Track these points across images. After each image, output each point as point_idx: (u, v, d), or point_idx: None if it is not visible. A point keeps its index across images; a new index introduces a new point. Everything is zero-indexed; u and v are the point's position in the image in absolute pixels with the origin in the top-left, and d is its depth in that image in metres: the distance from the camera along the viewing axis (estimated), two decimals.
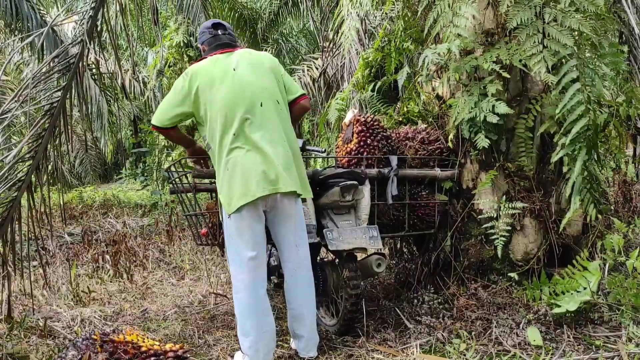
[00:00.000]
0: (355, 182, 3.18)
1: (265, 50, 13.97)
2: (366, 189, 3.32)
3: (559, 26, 2.98)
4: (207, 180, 3.35)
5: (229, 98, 2.82)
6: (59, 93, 3.60)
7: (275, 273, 3.95)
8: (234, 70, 2.89)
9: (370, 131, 3.50)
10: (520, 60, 3.09)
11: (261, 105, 2.85)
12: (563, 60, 3.01)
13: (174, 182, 3.41)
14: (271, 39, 14.18)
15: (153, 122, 3.04)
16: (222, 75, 2.87)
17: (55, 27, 8.35)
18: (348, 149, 3.56)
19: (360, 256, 3.32)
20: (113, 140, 15.74)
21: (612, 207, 4.75)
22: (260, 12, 13.62)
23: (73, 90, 3.72)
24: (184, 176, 3.46)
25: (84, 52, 3.65)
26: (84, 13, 3.66)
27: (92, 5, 3.59)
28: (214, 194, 3.39)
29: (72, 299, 4.32)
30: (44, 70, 3.62)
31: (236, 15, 13.07)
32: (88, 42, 3.55)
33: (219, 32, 3.08)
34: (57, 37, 8.52)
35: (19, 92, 3.41)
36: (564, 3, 2.95)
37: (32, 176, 3.59)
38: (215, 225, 3.21)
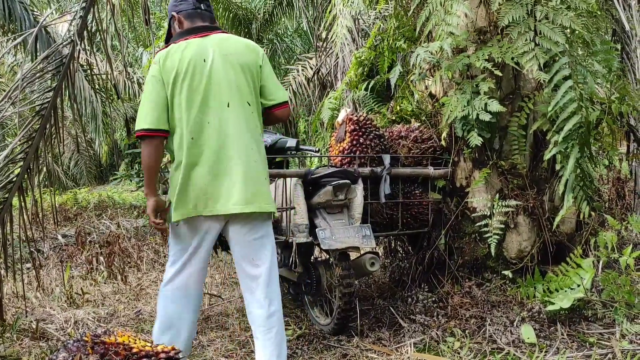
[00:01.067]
0: (348, 181, 3.17)
1: None
2: (359, 188, 3.31)
3: (550, 24, 2.97)
4: None
5: (191, 95, 2.41)
6: (50, 94, 3.58)
7: None
8: (204, 61, 2.43)
9: (363, 130, 3.49)
10: (512, 58, 3.09)
11: (228, 107, 2.44)
12: (555, 57, 3.00)
13: (167, 182, 3.40)
14: (266, 39, 14.17)
15: (140, 125, 2.41)
16: (190, 67, 2.41)
17: (49, 28, 8.31)
18: (341, 148, 3.55)
19: (353, 255, 3.31)
20: (108, 142, 15.69)
21: (606, 205, 4.76)
22: (254, 12, 13.60)
23: (64, 91, 3.70)
24: None
25: (75, 53, 3.63)
26: (75, 13, 3.64)
27: (83, 5, 3.58)
28: None
29: (65, 301, 4.30)
30: (34, 70, 3.59)
31: (231, 15, 13.05)
32: (78, 42, 3.53)
33: (202, 5, 2.57)
34: (51, 38, 8.48)
35: (9, 92, 3.39)
36: (555, 1, 2.95)
37: (24, 177, 3.57)
38: None
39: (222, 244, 3.43)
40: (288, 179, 3.26)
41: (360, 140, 3.47)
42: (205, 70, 2.42)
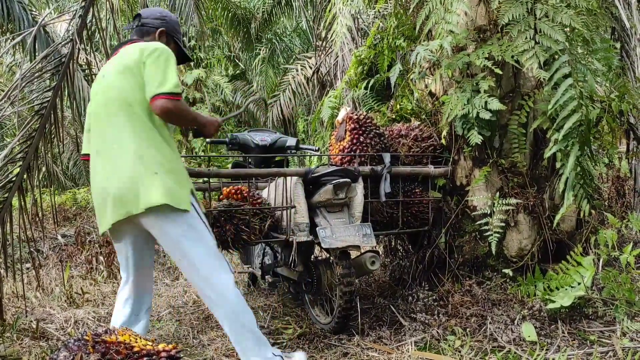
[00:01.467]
0: (348, 180, 3.17)
1: (259, 50, 13.96)
2: (359, 187, 3.31)
3: (550, 22, 2.97)
4: (200, 180, 3.34)
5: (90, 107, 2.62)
6: (49, 93, 3.58)
7: (269, 272, 3.95)
8: (103, 77, 2.60)
9: (363, 129, 3.49)
10: (512, 57, 3.09)
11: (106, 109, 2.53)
12: (555, 56, 3.00)
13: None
14: (265, 39, 14.18)
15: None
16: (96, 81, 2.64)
17: (47, 28, 8.31)
18: (341, 147, 3.55)
19: (354, 254, 3.31)
20: None
21: (606, 203, 4.76)
22: (253, 12, 13.61)
23: (64, 91, 3.70)
24: None
25: (74, 52, 3.63)
26: (74, 13, 3.64)
27: (82, 5, 3.57)
28: (206, 194, 3.37)
29: (65, 301, 4.30)
30: (34, 70, 3.59)
31: (229, 14, 13.06)
32: (78, 42, 3.52)
33: (134, 24, 2.75)
34: (49, 38, 8.48)
35: (8, 92, 3.39)
36: None
37: (24, 177, 3.56)
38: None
39: None
40: (288, 178, 3.26)
41: (361, 139, 3.47)
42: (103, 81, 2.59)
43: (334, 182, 3.11)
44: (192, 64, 11.56)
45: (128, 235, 2.62)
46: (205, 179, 3.19)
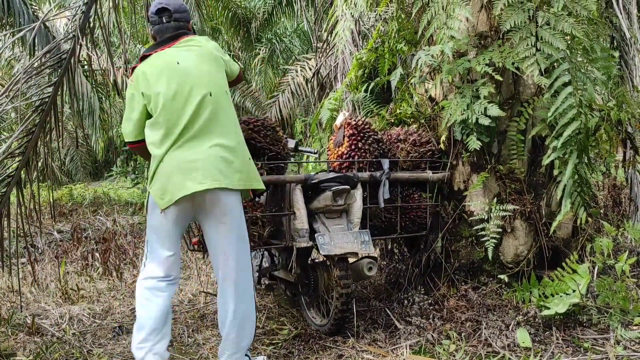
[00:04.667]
0: (348, 187, 3.17)
1: (259, 49, 13.98)
2: (358, 193, 3.32)
3: (551, 30, 2.99)
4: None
5: (171, 93, 2.62)
6: (50, 89, 3.57)
7: (266, 275, 3.95)
8: (178, 63, 2.67)
9: (362, 135, 3.49)
10: (512, 63, 3.11)
11: (210, 95, 2.64)
12: (555, 63, 3.02)
13: None
14: (265, 39, 14.18)
15: (126, 139, 2.76)
16: (165, 70, 2.67)
17: (47, 23, 8.29)
18: (339, 153, 3.56)
19: (351, 259, 3.32)
20: (104, 138, 15.64)
21: (602, 211, 4.78)
22: (254, 12, 13.61)
23: (64, 87, 3.70)
24: None
25: (76, 48, 3.63)
26: (77, 9, 3.64)
27: (85, 1, 3.57)
28: None
29: (60, 297, 4.29)
30: (35, 65, 3.59)
31: (230, 14, 13.05)
32: (80, 38, 3.53)
33: (164, 19, 2.80)
34: (49, 33, 8.45)
35: (10, 87, 3.39)
36: (557, 7, 2.97)
37: (22, 172, 3.56)
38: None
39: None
40: (287, 184, 3.27)
41: (359, 145, 3.47)
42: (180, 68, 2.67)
43: (333, 188, 3.12)
44: None
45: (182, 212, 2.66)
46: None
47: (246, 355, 2.73)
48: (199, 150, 2.57)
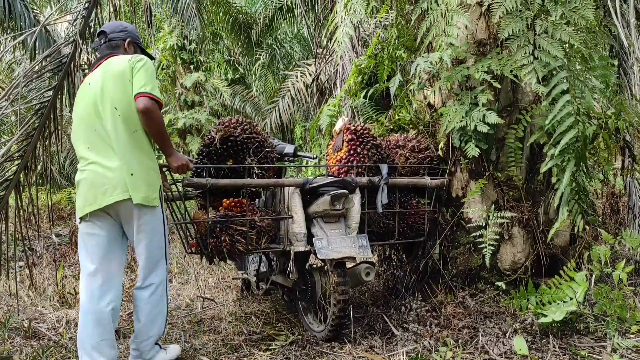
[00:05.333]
0: (346, 191, 3.18)
1: (260, 55, 14.00)
2: (356, 198, 3.32)
3: (550, 38, 3.01)
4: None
5: (82, 112, 2.84)
6: (50, 92, 3.58)
7: (264, 279, 3.95)
8: (89, 84, 2.85)
9: (360, 140, 3.50)
10: (511, 71, 3.12)
11: (116, 110, 2.76)
12: (553, 72, 3.04)
13: (163, 190, 3.39)
14: (265, 44, 14.21)
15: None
16: (80, 91, 2.93)
17: (48, 27, 8.31)
18: (338, 157, 3.56)
19: (349, 264, 3.32)
20: None
21: (600, 219, 4.79)
22: (255, 17, 13.64)
23: (64, 90, 3.71)
24: (173, 184, 3.45)
25: (76, 53, 3.64)
26: (77, 13, 3.65)
27: (85, 6, 3.58)
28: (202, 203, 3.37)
29: (57, 300, 4.29)
30: (35, 69, 3.60)
31: (231, 19, 13.09)
32: (80, 43, 3.54)
33: (101, 41, 3.00)
34: (50, 37, 8.48)
35: (10, 90, 3.39)
36: (555, 16, 2.98)
37: (21, 176, 3.56)
38: (203, 235, 3.18)
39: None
40: (286, 188, 3.27)
41: (358, 150, 3.48)
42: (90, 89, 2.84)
43: (331, 193, 3.12)
44: (191, 67, 11.57)
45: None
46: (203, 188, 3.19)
47: (156, 344, 2.96)
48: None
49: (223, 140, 3.20)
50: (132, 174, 2.73)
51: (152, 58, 3.14)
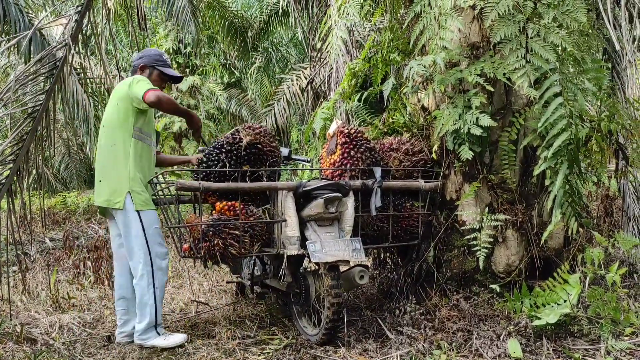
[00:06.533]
0: (339, 194, 3.17)
1: (255, 58, 14.01)
2: (350, 201, 3.32)
3: (542, 41, 3.01)
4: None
5: None
6: (43, 96, 3.57)
7: (258, 283, 3.94)
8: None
9: (354, 143, 3.50)
10: (504, 74, 3.13)
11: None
12: (546, 74, 3.04)
13: (156, 193, 3.39)
14: (261, 48, 14.22)
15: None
16: None
17: (43, 31, 8.29)
18: (332, 161, 3.56)
19: (343, 268, 3.31)
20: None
21: (594, 221, 4.80)
22: (250, 21, 13.65)
23: (57, 94, 3.69)
24: (166, 188, 3.45)
25: (68, 56, 3.63)
26: (70, 17, 3.64)
27: (78, 10, 3.58)
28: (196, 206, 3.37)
29: (51, 305, 4.27)
30: (28, 73, 3.59)
31: (226, 23, 13.10)
32: (72, 46, 3.53)
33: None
34: (45, 41, 8.45)
35: (1, 94, 3.38)
36: (547, 18, 2.99)
37: (14, 180, 3.55)
38: (196, 239, 3.17)
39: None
40: (279, 191, 3.26)
41: (351, 153, 3.48)
42: None
43: (325, 196, 3.11)
44: (187, 70, 11.57)
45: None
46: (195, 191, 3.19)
47: (155, 330, 3.37)
48: None
49: (248, 146, 3.29)
50: (100, 181, 3.35)
51: (177, 79, 3.66)
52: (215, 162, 3.29)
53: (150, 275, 3.31)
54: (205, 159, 3.33)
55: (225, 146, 3.30)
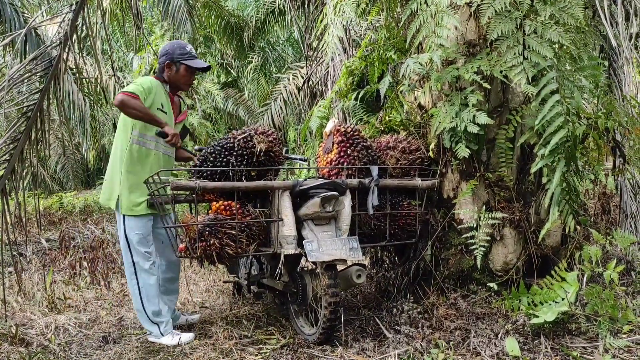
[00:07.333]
0: (336, 193, 3.16)
1: (252, 58, 13.99)
2: (347, 200, 3.30)
3: (539, 38, 3.00)
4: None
5: None
6: (37, 95, 3.55)
7: (255, 282, 3.92)
8: None
9: (351, 141, 3.48)
10: (500, 72, 3.11)
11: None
12: (543, 72, 3.03)
13: (152, 194, 3.37)
14: (258, 47, 14.20)
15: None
16: None
17: (39, 30, 8.26)
18: (328, 159, 3.54)
19: (340, 267, 3.29)
20: (96, 146, 15.58)
21: (591, 219, 4.79)
22: (247, 20, 13.63)
23: (51, 94, 3.67)
24: (162, 188, 3.42)
25: (63, 55, 3.60)
26: (64, 16, 3.62)
27: (72, 8, 3.55)
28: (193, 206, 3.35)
29: (46, 306, 4.24)
30: (22, 72, 3.56)
31: (223, 22, 13.08)
32: (65, 45, 3.50)
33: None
34: (41, 40, 8.42)
35: None
36: (544, 15, 2.98)
37: (8, 180, 3.52)
38: (192, 239, 3.14)
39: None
40: (276, 190, 3.25)
41: (348, 152, 3.46)
42: None
43: (321, 195, 3.09)
44: None
45: None
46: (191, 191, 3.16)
47: (156, 324, 3.48)
48: None
49: (261, 153, 3.28)
50: (105, 180, 3.52)
51: (206, 69, 3.62)
52: (224, 163, 3.24)
53: (134, 276, 3.47)
54: (211, 159, 3.26)
55: (236, 149, 3.24)
